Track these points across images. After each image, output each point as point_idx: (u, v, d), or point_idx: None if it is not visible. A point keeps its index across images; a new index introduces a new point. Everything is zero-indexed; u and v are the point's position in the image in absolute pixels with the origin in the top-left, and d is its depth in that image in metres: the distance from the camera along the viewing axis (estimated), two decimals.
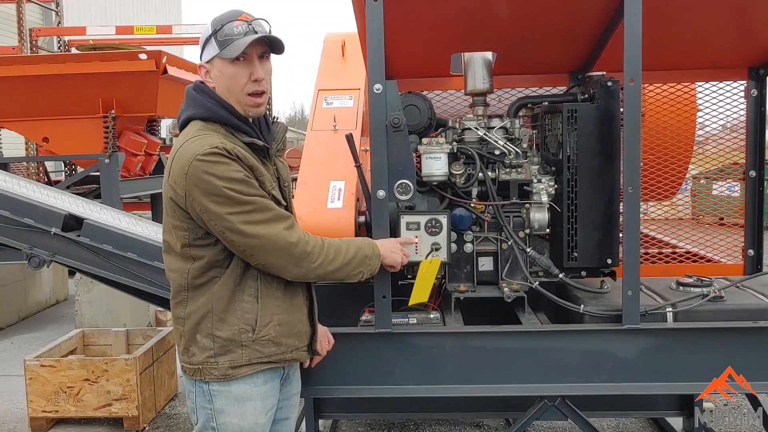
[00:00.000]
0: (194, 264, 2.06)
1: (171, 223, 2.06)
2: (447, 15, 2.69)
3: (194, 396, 2.13)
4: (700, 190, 4.15)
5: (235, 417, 2.10)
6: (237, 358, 2.07)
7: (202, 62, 2.09)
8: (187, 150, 1.98)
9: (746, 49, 3.15)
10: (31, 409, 4.18)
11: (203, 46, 2.07)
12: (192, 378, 2.12)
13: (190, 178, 1.95)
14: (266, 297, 2.10)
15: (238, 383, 2.09)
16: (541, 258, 2.76)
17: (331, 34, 4.00)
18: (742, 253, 3.40)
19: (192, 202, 1.97)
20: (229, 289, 2.06)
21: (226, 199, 1.95)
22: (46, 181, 8.10)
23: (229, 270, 2.06)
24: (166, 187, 2.06)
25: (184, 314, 2.10)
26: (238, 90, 2.06)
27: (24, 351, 5.72)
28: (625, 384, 2.56)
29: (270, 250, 2.01)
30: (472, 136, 2.84)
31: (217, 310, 2.06)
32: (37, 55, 8.72)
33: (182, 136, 2.07)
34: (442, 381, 2.58)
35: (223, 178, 1.95)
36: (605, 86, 2.60)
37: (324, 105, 3.44)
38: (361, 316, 2.76)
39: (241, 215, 1.97)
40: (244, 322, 2.07)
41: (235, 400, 2.09)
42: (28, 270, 5.99)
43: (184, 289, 2.08)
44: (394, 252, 2.39)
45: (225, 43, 2.01)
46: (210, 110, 2.06)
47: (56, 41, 10.28)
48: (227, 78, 2.05)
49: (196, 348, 2.09)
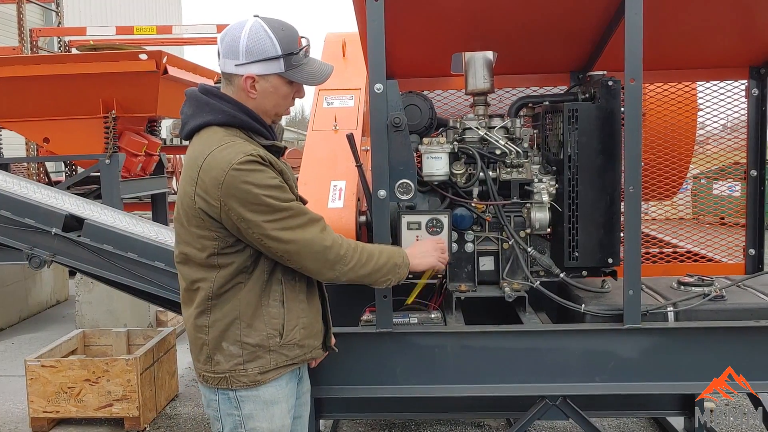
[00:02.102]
0: (221, 272, 2.02)
1: (195, 233, 2.01)
2: (448, 14, 2.69)
3: (217, 404, 2.10)
4: (700, 189, 4.14)
5: (264, 421, 2.09)
6: (265, 364, 2.06)
7: (252, 73, 2.00)
8: (220, 159, 1.93)
9: (747, 49, 3.15)
10: (32, 409, 4.18)
11: (261, 59, 1.99)
12: (216, 387, 2.09)
13: (227, 188, 1.91)
14: (291, 301, 2.10)
15: (266, 387, 2.08)
16: (542, 258, 2.76)
17: (332, 34, 4.00)
18: (743, 253, 3.40)
19: (228, 212, 1.93)
20: (256, 295, 2.05)
21: (266, 207, 1.93)
22: (47, 181, 8.10)
23: (255, 275, 2.04)
24: (189, 198, 1.98)
25: (208, 322, 2.05)
26: (285, 107, 2.12)
27: (25, 351, 5.72)
28: (626, 384, 2.56)
29: (306, 255, 2.00)
30: (473, 136, 2.84)
31: (245, 316, 2.04)
32: (37, 56, 8.72)
33: (204, 143, 1.99)
34: (443, 381, 2.58)
35: (262, 186, 1.93)
36: (606, 86, 2.60)
37: (325, 105, 3.44)
38: (362, 315, 2.76)
39: (279, 222, 1.95)
40: (272, 327, 2.06)
41: (264, 404, 2.09)
42: (29, 270, 5.99)
43: (209, 298, 2.04)
44: (426, 256, 2.35)
45: (294, 67, 2.02)
46: (229, 115, 2.02)
47: (56, 42, 10.29)
48: (280, 96, 2.07)
49: (222, 356, 2.05)
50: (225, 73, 2.06)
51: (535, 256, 2.77)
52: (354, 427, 4.10)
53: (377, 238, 2.49)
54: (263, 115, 2.08)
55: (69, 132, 6.34)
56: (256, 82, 2.02)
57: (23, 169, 8.39)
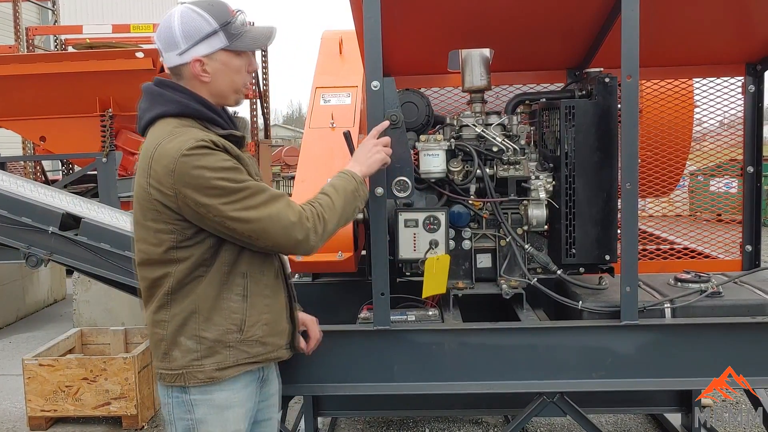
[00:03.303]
0: (180, 266, 1.97)
1: (152, 228, 1.96)
2: (444, 12, 2.69)
3: (171, 407, 2.04)
4: (697, 186, 4.15)
5: (217, 426, 2.02)
6: (223, 360, 2.00)
7: (197, 55, 1.98)
8: (170, 147, 1.89)
9: (743, 45, 3.16)
10: (29, 408, 4.17)
11: (201, 39, 1.98)
12: (171, 385, 2.02)
13: (179, 176, 1.87)
14: (255, 296, 2.05)
15: (220, 391, 2.02)
16: (539, 254, 2.77)
17: (329, 32, 4.00)
18: (739, 249, 3.40)
19: (185, 199, 1.88)
20: (215, 288, 1.99)
21: (221, 190, 1.88)
22: (43, 180, 8.09)
23: (215, 268, 1.99)
24: (144, 190, 1.94)
25: (167, 317, 2.00)
26: (241, 82, 2.06)
27: (22, 350, 5.71)
28: (623, 380, 2.56)
29: (274, 232, 1.95)
30: (470, 133, 2.84)
31: (203, 309, 1.98)
32: (33, 54, 8.69)
33: (155, 135, 1.96)
34: (440, 378, 2.59)
35: (214, 169, 1.88)
36: (603, 82, 2.60)
37: (322, 102, 3.43)
38: (360, 313, 2.76)
39: (239, 202, 1.90)
40: (231, 322, 2.00)
41: (217, 408, 2.02)
42: (26, 269, 5.99)
43: (168, 292, 2.00)
44: (373, 156, 2.29)
45: (236, 36, 1.99)
46: (182, 104, 1.98)
47: (53, 40, 10.26)
48: (233, 71, 2.03)
49: (179, 351, 2.00)
50: (171, 68, 2.03)
51: (532, 253, 2.77)
52: (352, 424, 4.10)
53: (374, 235, 2.49)
54: (221, 98, 2.05)
55: (66, 130, 6.32)
56: (205, 65, 1.99)
57: (20, 167, 8.38)
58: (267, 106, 9.34)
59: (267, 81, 9.26)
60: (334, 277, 3.38)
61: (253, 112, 8.85)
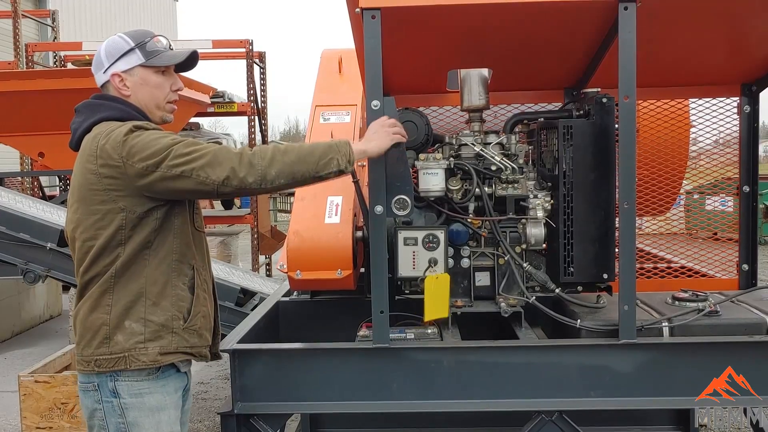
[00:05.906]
0: (125, 248, 2.07)
1: (101, 210, 2.06)
2: (443, 32, 2.71)
3: (102, 413, 2.10)
4: (693, 205, 4.17)
5: (150, 428, 2.10)
6: (166, 345, 2.11)
7: (117, 71, 2.17)
8: (117, 131, 2.04)
9: (739, 66, 3.19)
10: (25, 425, 4.15)
11: (119, 56, 2.17)
12: (109, 371, 2.06)
13: (127, 147, 2.01)
14: (199, 288, 2.20)
15: (151, 394, 2.09)
16: (537, 273, 2.78)
17: (328, 51, 4.02)
18: (736, 268, 3.42)
19: (133, 164, 2.01)
20: (163, 274, 2.11)
21: (163, 147, 2.02)
22: (41, 195, 8.08)
23: (162, 254, 2.11)
24: (92, 173, 2.06)
25: (111, 301, 2.08)
26: (162, 97, 2.23)
27: (18, 366, 5.68)
28: (621, 399, 2.56)
29: (219, 162, 2.03)
30: (469, 152, 2.86)
31: (150, 294, 2.09)
32: (33, 71, 8.71)
33: (100, 130, 2.10)
34: (439, 396, 2.58)
35: (152, 138, 2.04)
36: (600, 102, 2.62)
37: (321, 120, 3.45)
38: (359, 331, 2.76)
39: (182, 145, 2.04)
40: (178, 309, 2.13)
41: (149, 411, 2.10)
42: (22, 285, 5.97)
43: (112, 276, 2.08)
44: (377, 137, 2.32)
45: (153, 54, 2.18)
46: (123, 111, 2.15)
47: (52, 56, 10.30)
48: (152, 86, 2.20)
49: (122, 335, 2.07)
50: (100, 86, 2.24)
51: (530, 272, 2.78)
52: None
53: (374, 253, 2.50)
54: (146, 112, 2.20)
55: (64, 146, 6.22)
56: (124, 80, 2.18)
57: (17, 183, 8.38)
58: (265, 122, 9.38)
59: (265, 98, 9.30)
60: (332, 294, 3.37)
61: (251, 129, 8.88)
